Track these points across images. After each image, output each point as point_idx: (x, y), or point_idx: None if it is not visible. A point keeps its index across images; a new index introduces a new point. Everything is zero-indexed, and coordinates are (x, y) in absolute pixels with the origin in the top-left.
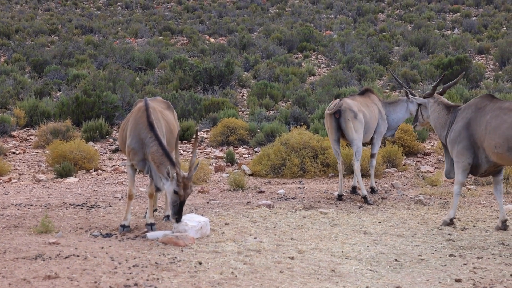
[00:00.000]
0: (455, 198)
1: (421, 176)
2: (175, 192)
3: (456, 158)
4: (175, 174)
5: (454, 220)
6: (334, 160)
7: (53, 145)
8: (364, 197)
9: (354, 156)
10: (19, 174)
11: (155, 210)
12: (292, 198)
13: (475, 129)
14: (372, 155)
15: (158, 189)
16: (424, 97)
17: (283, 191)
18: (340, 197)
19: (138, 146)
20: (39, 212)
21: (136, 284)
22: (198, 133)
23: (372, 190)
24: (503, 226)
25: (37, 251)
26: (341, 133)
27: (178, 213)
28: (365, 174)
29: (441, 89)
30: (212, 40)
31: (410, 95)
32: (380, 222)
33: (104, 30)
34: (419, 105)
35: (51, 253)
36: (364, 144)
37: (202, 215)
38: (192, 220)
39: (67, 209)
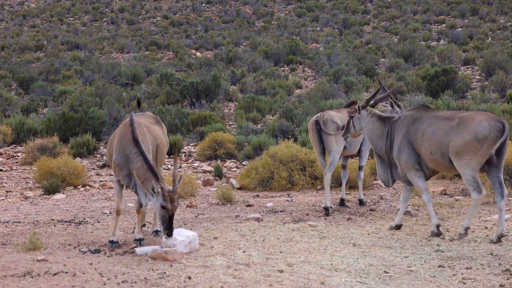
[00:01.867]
0: (429, 206)
1: None
2: (163, 207)
3: (406, 169)
4: (160, 189)
5: (439, 227)
6: (322, 173)
7: (40, 161)
8: (326, 208)
9: (328, 166)
10: (7, 191)
11: (144, 225)
12: (281, 211)
13: (413, 137)
14: (360, 168)
15: (140, 205)
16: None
17: (272, 204)
18: (327, 210)
19: (123, 161)
20: (27, 229)
21: None
22: (186, 147)
23: (361, 202)
24: (397, 228)
25: (25, 269)
26: (324, 145)
27: (168, 228)
28: (353, 186)
29: (372, 102)
30: (198, 54)
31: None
32: (369, 234)
33: (90, 45)
34: (351, 117)
35: (39, 270)
36: (351, 156)
37: (191, 229)
38: (180, 235)
39: (55, 226)
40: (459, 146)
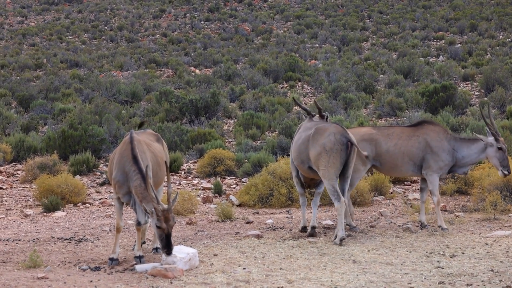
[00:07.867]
0: (302, 209)
1: (409, 203)
2: (158, 227)
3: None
4: (153, 209)
5: (315, 228)
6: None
7: (40, 179)
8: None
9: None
10: (7, 209)
11: (144, 242)
12: (281, 228)
13: (293, 146)
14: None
15: (139, 223)
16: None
17: (271, 221)
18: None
19: (123, 179)
20: (27, 247)
21: None
22: (185, 164)
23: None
24: (311, 232)
25: (26, 286)
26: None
27: (167, 246)
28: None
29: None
30: (197, 71)
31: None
32: (369, 251)
33: (90, 63)
34: None
35: (40, 287)
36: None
37: (191, 246)
38: (180, 252)
39: (55, 243)
40: (313, 156)
